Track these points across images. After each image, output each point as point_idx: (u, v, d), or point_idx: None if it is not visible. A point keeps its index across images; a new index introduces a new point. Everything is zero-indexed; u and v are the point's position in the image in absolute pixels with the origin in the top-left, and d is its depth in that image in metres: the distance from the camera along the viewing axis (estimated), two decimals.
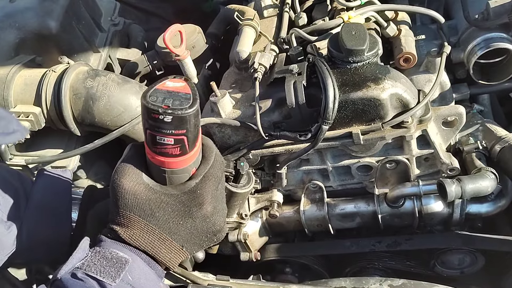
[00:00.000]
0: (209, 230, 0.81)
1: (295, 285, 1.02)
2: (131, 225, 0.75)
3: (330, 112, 1.06)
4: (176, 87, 0.73)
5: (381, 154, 1.20)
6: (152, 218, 0.75)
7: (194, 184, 0.77)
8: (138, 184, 0.75)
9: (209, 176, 0.78)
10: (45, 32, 1.29)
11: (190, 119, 0.70)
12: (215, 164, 0.80)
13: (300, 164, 1.28)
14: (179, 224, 0.77)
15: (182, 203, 0.76)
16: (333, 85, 1.06)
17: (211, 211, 0.79)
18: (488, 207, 1.22)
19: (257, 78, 1.16)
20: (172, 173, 0.77)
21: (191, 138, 0.73)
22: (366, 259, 1.36)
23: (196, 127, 0.73)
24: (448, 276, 1.32)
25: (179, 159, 0.75)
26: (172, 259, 0.80)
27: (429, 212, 1.23)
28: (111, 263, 0.72)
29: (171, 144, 0.71)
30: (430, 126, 1.14)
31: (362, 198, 1.29)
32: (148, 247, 0.76)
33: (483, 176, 1.11)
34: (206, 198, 0.78)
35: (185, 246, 0.80)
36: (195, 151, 0.76)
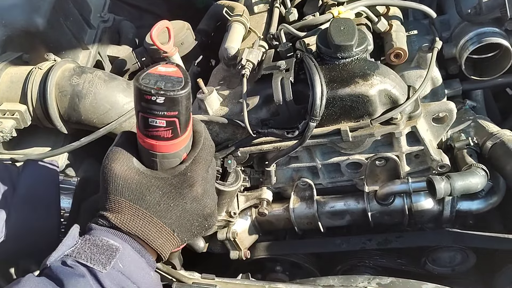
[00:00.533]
0: (199, 213, 0.80)
1: (281, 284, 1.01)
2: (122, 210, 0.74)
3: (317, 109, 1.04)
4: (168, 72, 0.73)
5: (370, 151, 1.19)
6: (143, 201, 0.75)
7: (184, 167, 0.76)
8: (129, 169, 0.74)
9: (199, 159, 0.78)
10: (32, 29, 1.27)
11: (182, 100, 0.70)
12: (204, 148, 0.80)
13: (289, 161, 1.26)
14: (169, 207, 0.76)
15: (173, 185, 0.76)
16: (321, 82, 1.05)
17: (201, 192, 0.78)
18: (479, 204, 1.21)
19: (245, 74, 1.15)
20: (163, 158, 0.76)
21: (182, 121, 0.72)
22: (357, 257, 1.35)
23: (188, 110, 0.73)
24: (439, 274, 1.31)
25: (171, 143, 0.74)
26: (163, 245, 0.78)
27: (419, 209, 1.21)
28: (102, 250, 0.71)
29: (163, 127, 0.71)
30: (419, 122, 1.13)
31: (352, 196, 1.28)
32: (139, 231, 0.75)
33: (473, 173, 1.10)
34: (196, 180, 0.77)
35: (176, 231, 0.79)
36: (186, 135, 0.76)
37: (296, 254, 1.37)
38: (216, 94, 1.17)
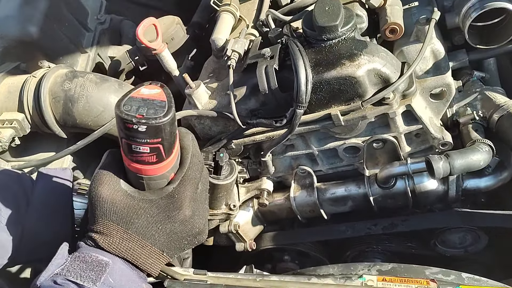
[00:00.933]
0: (189, 233, 0.81)
1: (274, 276, 0.99)
2: (110, 233, 0.75)
3: (303, 95, 1.01)
4: (152, 95, 0.71)
5: (367, 134, 1.15)
6: (131, 225, 0.75)
7: (171, 189, 0.76)
8: (116, 192, 0.74)
9: (186, 179, 0.77)
10: (26, 38, 1.30)
11: (165, 127, 0.69)
12: (192, 167, 0.79)
13: (285, 150, 1.24)
14: (158, 230, 0.77)
15: (161, 208, 0.76)
16: (305, 66, 1.02)
17: (189, 214, 0.78)
18: (487, 181, 1.14)
19: (231, 65, 1.13)
20: (150, 180, 0.76)
21: (167, 146, 0.72)
22: (366, 243, 1.31)
23: (172, 134, 0.72)
24: (451, 255, 1.25)
25: (156, 167, 0.74)
26: (152, 264, 0.79)
27: (423, 190, 1.16)
28: (91, 266, 0.72)
29: (146, 153, 0.71)
30: (415, 100, 1.07)
31: (352, 181, 1.24)
32: (128, 254, 0.76)
33: (474, 149, 1.04)
34: (184, 202, 0.77)
35: (165, 251, 0.80)
36: (172, 157, 0.75)
37: (303, 243, 1.35)
38: (203, 87, 1.16)
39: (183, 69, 1.34)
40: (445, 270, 1.02)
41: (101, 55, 1.54)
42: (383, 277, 0.95)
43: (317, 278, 0.97)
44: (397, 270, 1.03)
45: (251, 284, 0.94)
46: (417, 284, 0.93)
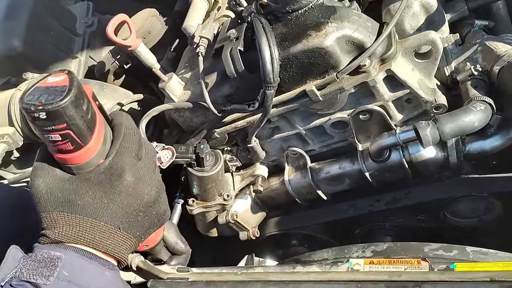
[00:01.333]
0: (139, 202, 0.77)
1: (259, 268, 0.95)
2: (57, 223, 0.73)
3: (269, 74, 0.95)
4: (56, 82, 0.70)
5: (352, 106, 1.06)
6: (74, 207, 0.73)
7: (108, 162, 0.74)
8: (52, 180, 0.73)
9: (121, 149, 0.75)
10: (11, 53, 1.32)
11: (65, 111, 0.66)
12: (126, 137, 0.77)
13: (272, 133, 1.18)
14: (104, 204, 0.74)
15: (101, 182, 0.73)
16: (269, 44, 0.95)
17: (133, 180, 0.75)
18: (493, 142, 1.02)
19: (199, 52, 1.08)
20: (78, 169, 0.74)
21: (78, 131, 0.69)
22: (372, 220, 1.23)
23: (82, 118, 0.69)
24: (466, 226, 1.15)
25: (77, 154, 0.72)
26: (112, 245, 0.77)
27: (420, 160, 1.06)
28: (43, 263, 0.71)
29: (60, 140, 0.69)
30: (397, 63, 0.98)
31: (346, 158, 1.16)
32: (80, 238, 0.74)
33: (466, 110, 0.93)
34: (124, 169, 0.74)
35: (121, 227, 0.76)
36: (93, 143, 0.73)
37: (308, 226, 1.30)
38: (176, 79, 1.12)
39: (165, 62, 1.31)
40: (446, 246, 0.94)
41: (95, 58, 1.54)
42: (370, 259, 0.88)
43: (302, 267, 0.92)
44: (393, 249, 0.97)
45: (232, 278, 0.91)
46: (407, 264, 0.86)
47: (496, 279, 0.75)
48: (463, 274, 0.78)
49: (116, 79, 1.43)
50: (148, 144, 0.84)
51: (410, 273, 0.81)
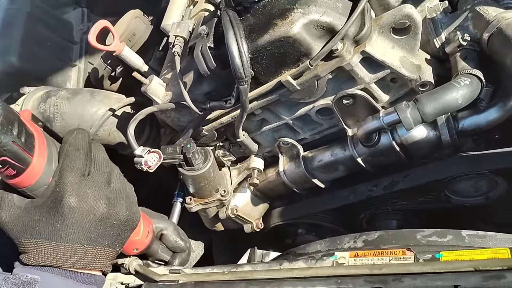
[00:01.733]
0: (92, 219, 0.79)
1: (248, 265, 0.94)
2: (27, 249, 0.78)
3: (239, 69, 0.92)
4: None
5: (335, 92, 1.02)
6: (35, 233, 0.77)
7: (53, 185, 0.77)
8: (13, 210, 0.77)
9: (62, 170, 0.78)
10: (9, 69, 1.36)
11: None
12: (67, 156, 0.79)
13: (260, 125, 1.16)
14: (58, 227, 0.77)
15: (49, 208, 0.77)
16: (236, 38, 0.92)
17: (74, 201, 0.77)
18: (488, 115, 0.94)
19: (175, 52, 1.07)
20: (31, 190, 0.78)
21: (14, 155, 0.71)
22: (373, 205, 1.19)
23: (15, 142, 0.71)
24: (472, 205, 1.08)
25: (23, 177, 0.75)
26: (81, 261, 0.79)
27: (411, 141, 1.01)
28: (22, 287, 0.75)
29: (1, 167, 0.72)
30: (372, 43, 0.92)
31: (337, 144, 1.12)
32: (49, 260, 0.78)
33: (448, 87, 0.86)
34: (65, 192, 0.76)
35: (84, 243, 0.79)
36: (36, 163, 0.75)
37: (312, 214, 1.27)
38: (156, 81, 1.11)
39: (153, 62, 1.30)
40: (440, 231, 0.90)
41: (94, 63, 1.56)
42: (355, 252, 0.85)
43: (289, 263, 0.91)
44: (384, 238, 0.93)
45: (220, 278, 0.91)
46: (392, 255, 0.83)
47: (480, 268, 0.71)
48: (446, 265, 0.74)
49: (113, 83, 1.45)
50: (98, 156, 0.85)
51: (391, 265, 0.78)
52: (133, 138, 1.14)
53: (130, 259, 1.02)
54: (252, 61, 0.95)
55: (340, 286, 0.78)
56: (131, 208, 0.86)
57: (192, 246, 1.47)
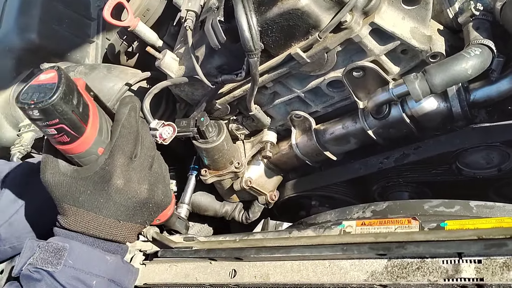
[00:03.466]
0: (134, 201, 0.85)
1: (259, 234, 0.98)
2: (66, 213, 0.84)
3: (248, 42, 0.93)
4: (46, 79, 0.75)
5: (345, 64, 1.02)
6: (78, 202, 0.82)
7: (102, 162, 0.81)
8: (58, 176, 0.82)
9: (114, 150, 0.82)
10: (29, 46, 1.41)
11: (55, 107, 0.72)
12: (121, 136, 0.83)
13: (273, 98, 1.17)
14: (100, 202, 0.83)
15: (95, 182, 0.82)
16: (245, 11, 0.92)
17: (122, 183, 0.82)
18: (501, 86, 0.93)
19: (187, 26, 1.08)
20: (79, 158, 0.82)
21: (71, 124, 0.75)
22: (385, 177, 1.20)
23: (73, 112, 0.75)
24: (485, 177, 1.08)
25: (75, 145, 0.78)
26: (115, 234, 0.86)
27: (422, 113, 1.00)
28: (52, 253, 0.82)
29: (56, 134, 0.76)
30: (381, 14, 0.92)
31: (349, 116, 1.12)
32: (85, 228, 0.84)
33: (457, 57, 0.85)
34: (113, 172, 0.82)
35: (121, 220, 0.85)
36: (89, 134, 0.79)
37: (326, 186, 1.29)
38: (169, 55, 1.13)
39: (168, 37, 1.32)
40: (448, 201, 0.91)
41: (111, 39, 1.59)
42: (362, 221, 0.87)
43: (298, 231, 0.93)
44: (392, 208, 0.95)
45: (231, 245, 0.95)
46: (398, 224, 0.84)
47: (483, 237, 0.72)
48: (450, 233, 0.75)
49: (129, 59, 1.47)
50: (146, 138, 0.90)
51: (395, 234, 0.80)
52: (149, 111, 1.17)
53: (148, 227, 1.07)
54: (262, 34, 0.96)
55: (346, 253, 0.80)
56: (166, 192, 0.92)
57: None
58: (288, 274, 0.87)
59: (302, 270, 0.86)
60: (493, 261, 0.70)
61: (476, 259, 0.71)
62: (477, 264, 0.71)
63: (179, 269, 1.01)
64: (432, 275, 0.74)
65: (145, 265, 1.06)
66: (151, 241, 1.08)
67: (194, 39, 1.08)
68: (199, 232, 1.45)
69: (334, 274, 0.82)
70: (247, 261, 0.92)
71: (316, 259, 0.84)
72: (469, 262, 0.71)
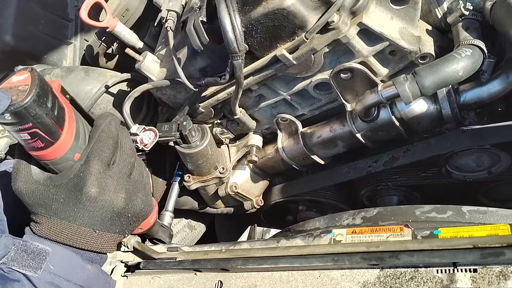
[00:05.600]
0: (109, 210, 0.80)
1: (246, 243, 0.94)
2: (40, 221, 0.79)
3: (232, 44, 0.89)
4: (19, 81, 0.70)
5: (333, 66, 0.99)
6: (51, 211, 0.78)
7: (78, 168, 0.77)
8: (30, 184, 0.77)
9: (91, 156, 0.78)
10: (4, 48, 1.34)
11: (28, 111, 0.67)
12: (98, 142, 0.79)
13: (258, 101, 1.13)
14: (74, 211, 0.78)
15: (69, 190, 0.77)
16: (228, 11, 0.89)
17: (95, 192, 0.78)
18: (491, 88, 0.91)
19: (168, 27, 1.04)
20: (54, 164, 0.77)
21: (46, 128, 0.71)
22: (373, 181, 1.17)
23: (48, 115, 0.70)
24: (475, 180, 1.06)
25: (49, 150, 0.74)
26: (91, 243, 0.81)
27: (411, 116, 0.98)
28: (32, 256, 0.76)
29: (29, 139, 0.71)
30: (369, 15, 0.89)
31: (336, 119, 1.09)
32: (60, 238, 0.79)
33: (448, 59, 0.83)
34: (87, 180, 0.77)
35: (97, 229, 0.80)
36: (64, 138, 0.75)
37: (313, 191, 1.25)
38: (150, 57, 1.09)
39: (149, 38, 1.27)
40: (440, 207, 0.88)
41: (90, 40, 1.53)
42: (353, 229, 0.84)
43: (286, 240, 0.90)
44: (382, 215, 0.92)
45: (217, 256, 0.91)
46: (390, 232, 0.81)
47: (479, 245, 0.69)
48: (444, 242, 0.72)
49: (109, 61, 1.42)
50: (125, 144, 0.85)
51: (388, 243, 0.76)
52: (129, 116, 1.12)
53: (129, 236, 1.02)
54: (246, 35, 0.92)
55: (337, 263, 0.77)
56: (147, 201, 0.88)
57: (193, 224, 1.47)
58: (276, 285, 0.83)
59: (292, 281, 0.82)
60: (489, 270, 0.68)
61: (471, 268, 0.69)
62: (472, 273, 0.69)
63: (162, 281, 0.97)
64: (426, 285, 0.71)
65: (126, 277, 1.01)
66: (132, 251, 1.04)
67: (175, 40, 1.04)
68: (183, 240, 1.40)
69: (325, 285, 0.79)
70: (233, 272, 0.88)
71: (305, 270, 0.81)
72: (465, 271, 0.69)
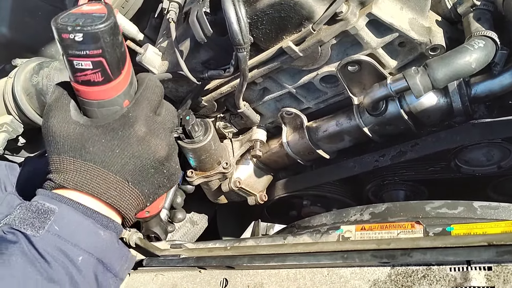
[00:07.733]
0: (151, 157, 0.73)
1: (251, 240, 0.92)
2: (65, 168, 0.70)
3: (237, 35, 0.87)
4: (93, 10, 0.68)
5: (340, 58, 0.96)
6: (86, 154, 0.70)
7: (125, 109, 0.71)
8: (66, 123, 0.70)
9: (141, 99, 0.73)
10: (1, 40, 1.32)
11: (103, 35, 0.64)
12: (148, 87, 0.75)
13: (262, 95, 1.11)
14: (116, 154, 0.70)
15: (114, 130, 0.70)
16: (233, 1, 0.86)
17: (145, 131, 0.72)
18: (503, 80, 0.89)
19: (170, 18, 1.01)
20: (100, 106, 0.71)
21: (111, 61, 0.67)
22: (381, 176, 1.15)
23: (116, 49, 0.67)
24: (485, 175, 1.04)
25: (104, 88, 0.69)
26: (118, 197, 0.72)
27: (421, 109, 0.95)
28: (36, 214, 0.69)
29: (90, 69, 0.67)
30: (379, 4, 0.86)
31: (343, 113, 1.07)
32: (85, 186, 0.70)
33: (460, 50, 0.81)
34: (138, 119, 0.71)
35: (130, 181, 0.73)
36: (122, 79, 0.70)
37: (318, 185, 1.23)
38: (151, 50, 1.06)
39: (149, 30, 1.25)
40: (451, 202, 0.86)
41: None
42: (362, 225, 0.82)
43: (293, 237, 0.88)
44: (391, 210, 0.89)
45: (222, 253, 0.89)
46: (400, 228, 0.79)
47: (494, 243, 0.67)
48: (457, 239, 0.70)
49: None
50: (169, 105, 0.80)
51: (399, 240, 0.74)
52: None
53: (130, 232, 0.99)
54: (251, 26, 0.90)
55: (346, 261, 0.75)
56: (178, 166, 0.82)
57: (195, 219, 1.45)
58: (284, 283, 0.81)
59: (299, 279, 0.80)
60: (505, 268, 0.65)
61: (486, 266, 0.67)
62: (487, 271, 0.66)
63: (166, 278, 0.95)
64: (439, 284, 0.69)
65: (129, 275, 0.99)
66: (134, 247, 1.01)
67: (177, 32, 1.01)
68: (185, 236, 1.38)
69: (334, 283, 0.77)
70: (239, 269, 0.86)
71: (314, 267, 0.79)
72: (479, 269, 0.67)
